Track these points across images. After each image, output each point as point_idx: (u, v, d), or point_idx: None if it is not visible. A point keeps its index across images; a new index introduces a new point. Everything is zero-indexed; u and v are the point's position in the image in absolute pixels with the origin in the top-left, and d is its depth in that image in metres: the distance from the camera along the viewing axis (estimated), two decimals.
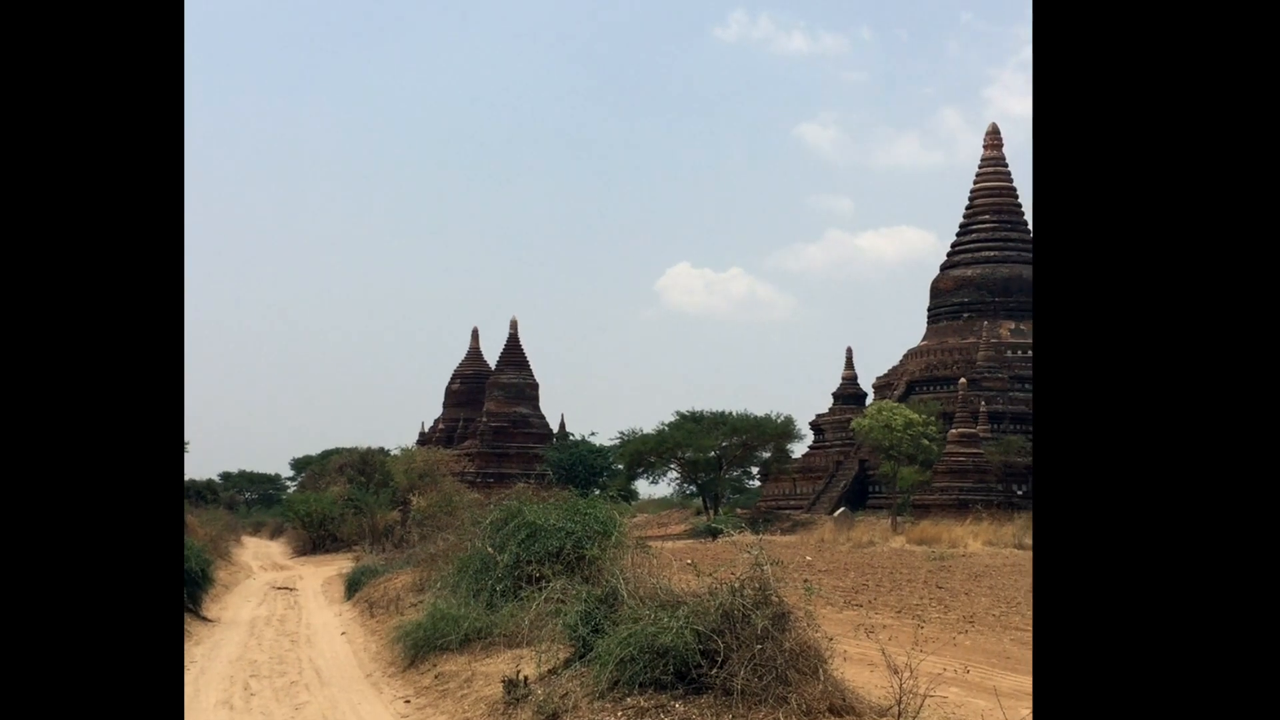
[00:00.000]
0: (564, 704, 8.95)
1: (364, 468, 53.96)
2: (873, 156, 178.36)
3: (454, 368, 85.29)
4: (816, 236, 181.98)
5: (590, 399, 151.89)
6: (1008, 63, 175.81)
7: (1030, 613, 18.48)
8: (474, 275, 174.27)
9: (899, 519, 47.39)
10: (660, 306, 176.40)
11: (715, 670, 8.39)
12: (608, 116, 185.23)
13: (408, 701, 11.62)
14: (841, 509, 55.99)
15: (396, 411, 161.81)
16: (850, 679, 9.28)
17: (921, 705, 8.37)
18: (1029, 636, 15.67)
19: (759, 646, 8.39)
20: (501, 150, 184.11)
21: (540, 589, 12.30)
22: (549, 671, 10.03)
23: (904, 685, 8.31)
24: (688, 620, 8.71)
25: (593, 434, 69.07)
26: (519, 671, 10.26)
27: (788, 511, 58.06)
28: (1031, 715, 4.68)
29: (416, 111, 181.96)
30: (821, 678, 8.53)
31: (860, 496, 59.16)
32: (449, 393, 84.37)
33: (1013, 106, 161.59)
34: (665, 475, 60.48)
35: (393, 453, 58.88)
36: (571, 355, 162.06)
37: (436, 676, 12.29)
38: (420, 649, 13.50)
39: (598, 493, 42.52)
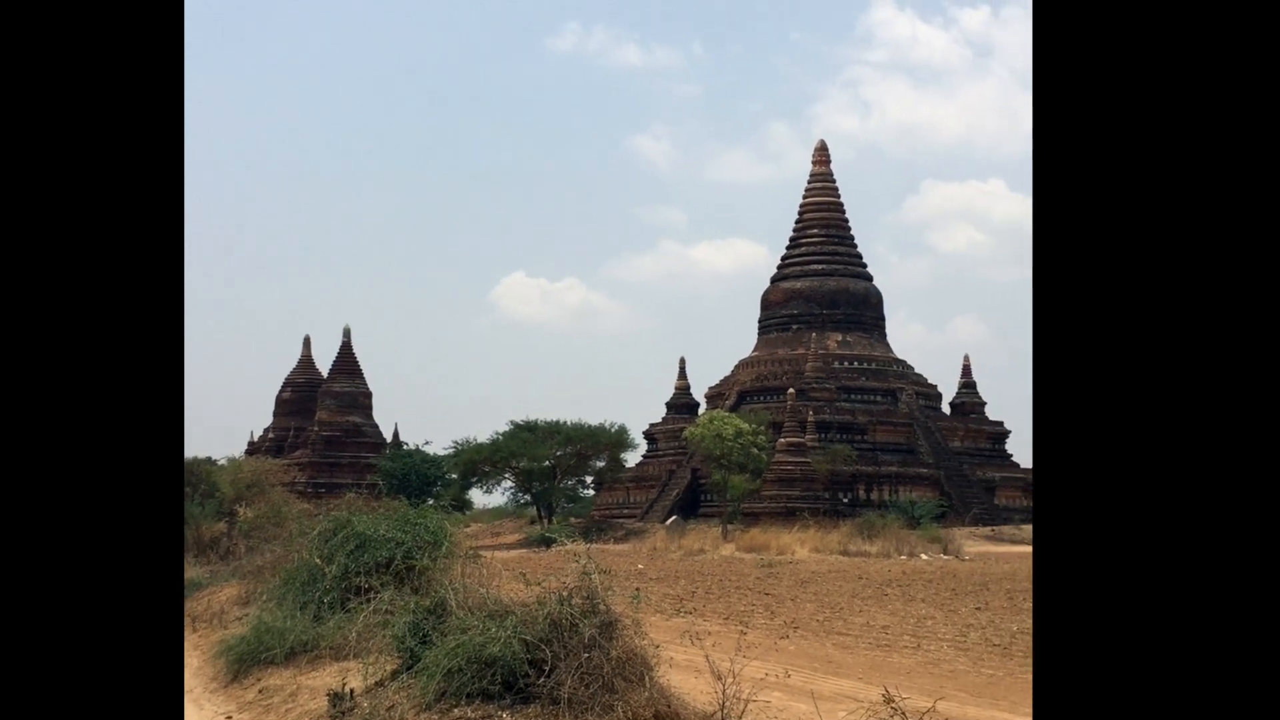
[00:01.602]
0: (390, 716, 8.90)
1: (189, 478, 52.45)
2: (704, 169, 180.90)
3: (285, 376, 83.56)
4: (650, 247, 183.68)
5: (425, 408, 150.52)
6: (835, 80, 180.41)
7: (853, 618, 19.01)
8: (306, 282, 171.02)
9: (729, 527, 48.11)
10: (495, 315, 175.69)
11: (542, 679, 8.45)
12: (442, 124, 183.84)
13: (229, 718, 11.40)
14: (674, 517, 56.56)
15: (224, 420, 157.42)
16: (676, 685, 9.43)
17: (744, 710, 8.56)
18: (850, 641, 16.13)
19: (586, 655, 8.48)
20: (334, 156, 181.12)
21: (368, 600, 12.19)
22: (376, 684, 9.96)
23: (727, 691, 8.49)
24: (516, 630, 8.76)
25: (427, 443, 68.49)
26: (345, 684, 10.16)
27: (621, 520, 58.41)
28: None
29: (248, 115, 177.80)
30: (647, 685, 8.65)
31: (693, 505, 59.85)
32: (279, 401, 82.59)
33: (840, 123, 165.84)
34: (500, 485, 60.33)
35: (219, 462, 57.38)
36: (406, 364, 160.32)
37: (260, 691, 12.08)
38: (244, 663, 13.24)
39: (430, 503, 42.13)
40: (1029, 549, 46.12)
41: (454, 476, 60.71)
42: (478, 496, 65.86)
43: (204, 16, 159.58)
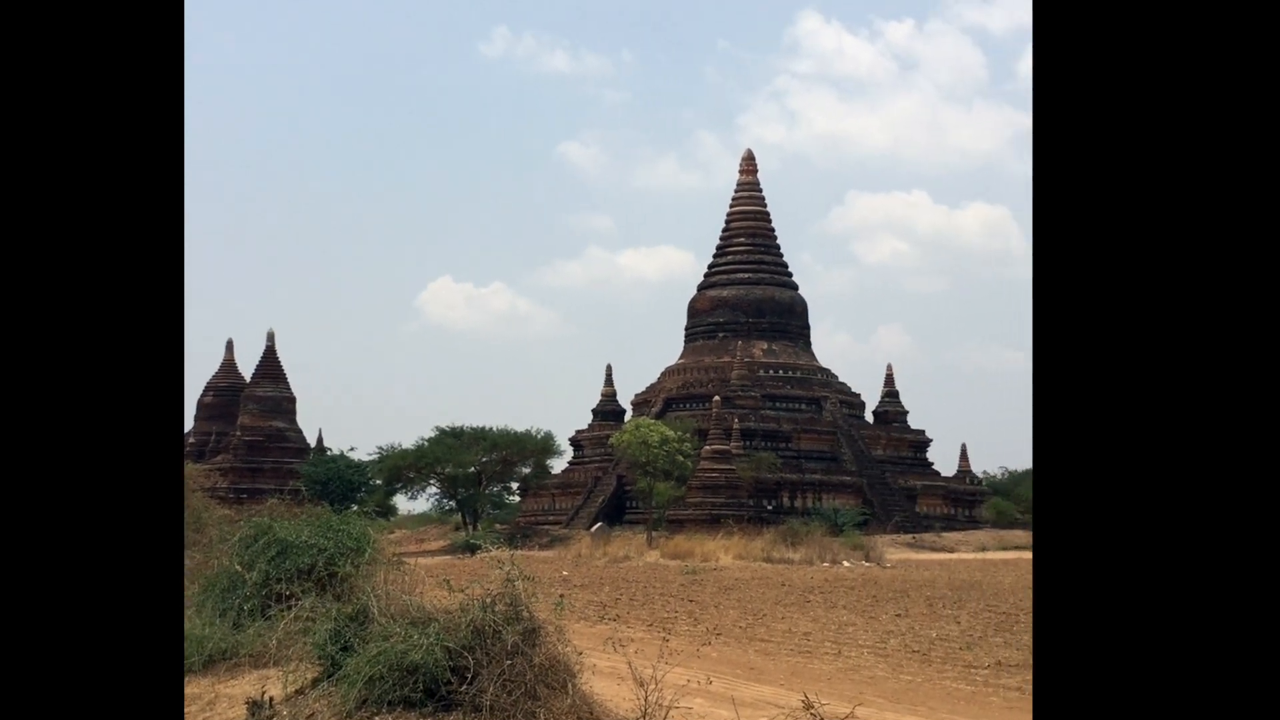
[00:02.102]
0: None
1: None
2: (633, 176, 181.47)
3: (207, 380, 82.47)
4: (578, 254, 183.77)
5: (350, 413, 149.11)
6: (762, 91, 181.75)
7: (775, 625, 19.17)
8: (229, 284, 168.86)
9: (654, 534, 48.18)
10: (422, 320, 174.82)
11: (465, 687, 8.45)
12: (371, 127, 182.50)
13: None
14: (599, 524, 56.57)
15: None
16: (599, 692, 9.46)
17: (666, 716, 8.62)
18: (772, 647, 16.26)
19: (509, 662, 8.49)
20: (260, 158, 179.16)
21: (289, 607, 12.08)
22: (296, 692, 9.88)
23: (649, 697, 8.54)
24: (438, 637, 8.74)
25: (352, 449, 67.86)
26: (264, 692, 10.07)
27: (547, 526, 58.32)
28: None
29: None
30: (570, 692, 8.68)
31: (618, 511, 59.89)
32: (201, 405, 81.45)
33: (767, 133, 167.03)
34: (425, 491, 59.91)
35: None
36: (331, 369, 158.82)
37: None
38: None
39: (354, 509, 41.79)
40: (949, 556, 46.70)
41: (378, 482, 60.20)
42: (402, 503, 65.41)
43: None
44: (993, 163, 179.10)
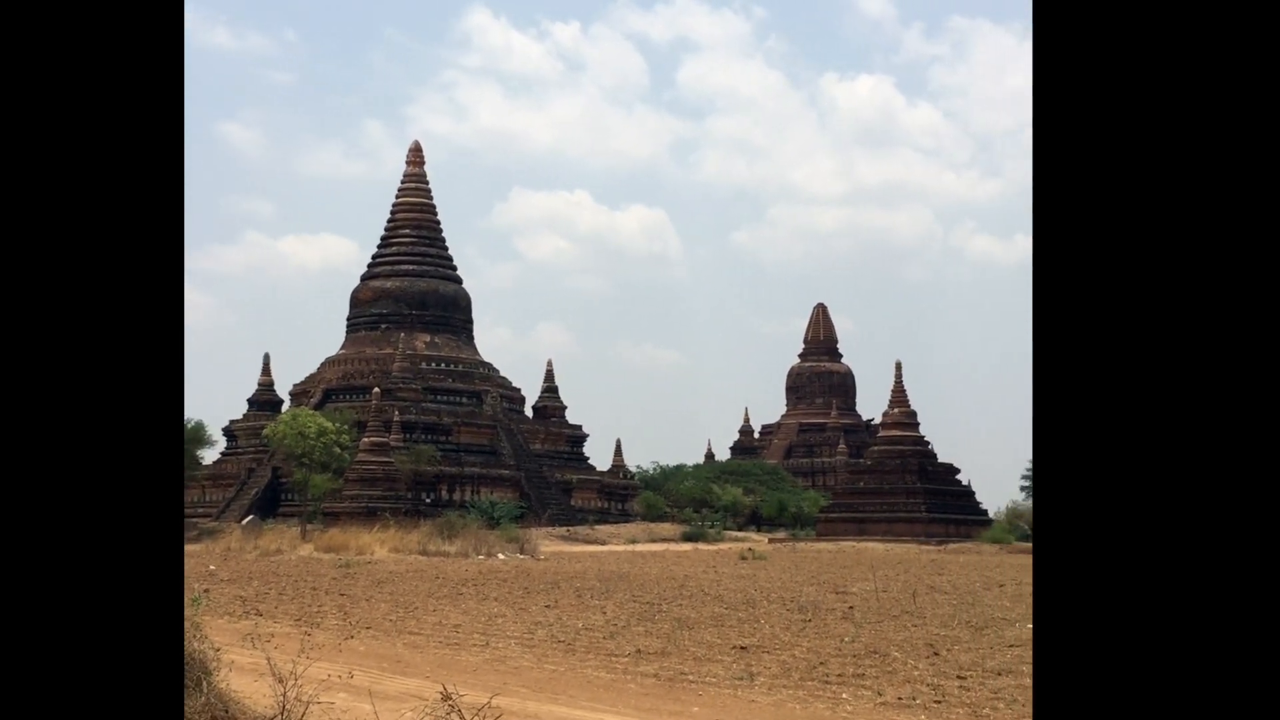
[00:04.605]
0: None
1: None
2: (296, 161, 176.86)
3: None
4: (236, 238, 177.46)
5: None
6: (430, 83, 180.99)
7: (426, 617, 19.29)
8: None
9: (309, 526, 47.33)
10: None
11: None
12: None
13: None
14: (250, 516, 55.01)
15: None
16: (237, 689, 9.36)
17: (305, 712, 8.62)
18: (421, 640, 16.38)
19: None
20: None
21: None
22: None
23: (289, 693, 8.53)
24: None
25: None
26: None
27: (196, 520, 56.18)
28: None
29: None
30: (205, 690, 8.57)
31: (272, 504, 58.46)
32: None
33: (434, 125, 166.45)
34: None
35: None
36: None
37: None
38: None
39: None
40: (601, 548, 48.01)
41: None
42: None
43: None
44: (652, 167, 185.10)
